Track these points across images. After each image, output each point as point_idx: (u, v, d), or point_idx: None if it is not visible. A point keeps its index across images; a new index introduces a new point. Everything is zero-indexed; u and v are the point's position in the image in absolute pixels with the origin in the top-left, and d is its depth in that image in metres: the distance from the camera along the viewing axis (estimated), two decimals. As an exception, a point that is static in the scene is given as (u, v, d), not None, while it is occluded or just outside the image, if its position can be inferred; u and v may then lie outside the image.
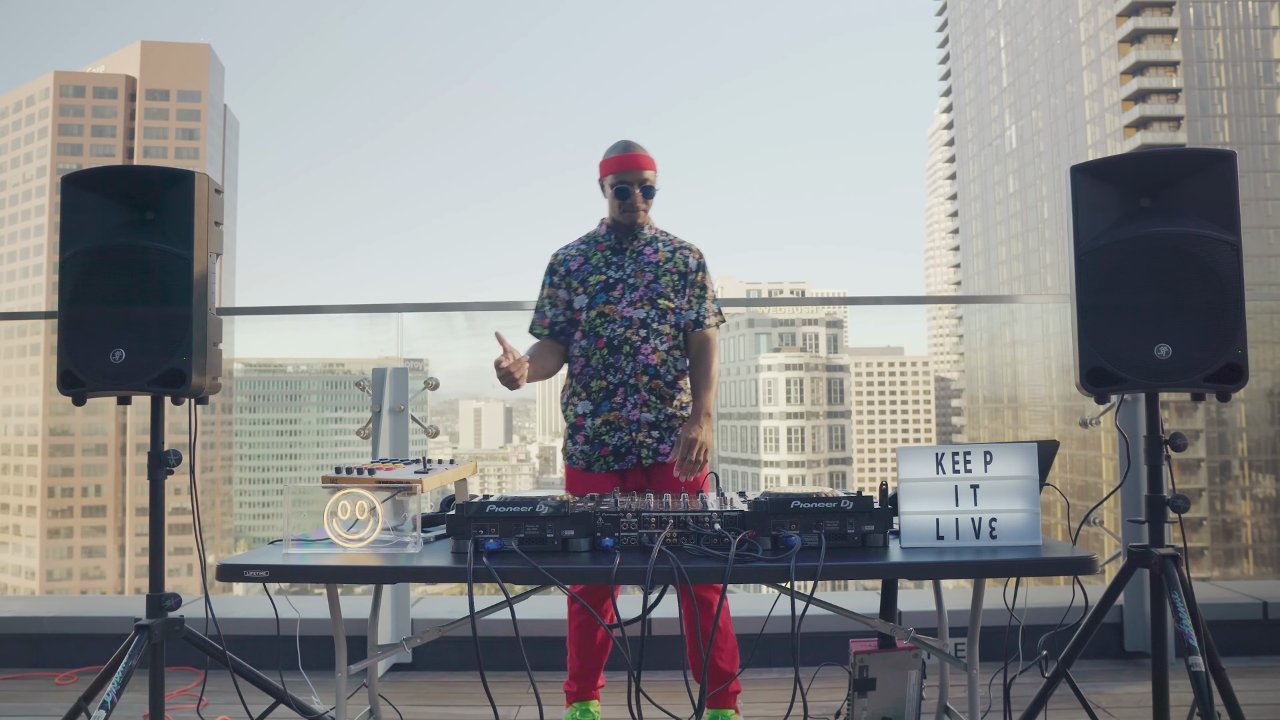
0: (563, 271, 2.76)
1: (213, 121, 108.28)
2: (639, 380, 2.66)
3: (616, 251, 2.75)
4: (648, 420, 2.67)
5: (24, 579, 28.27)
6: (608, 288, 2.71)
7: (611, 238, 2.76)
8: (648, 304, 2.70)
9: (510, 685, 3.12)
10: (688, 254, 2.78)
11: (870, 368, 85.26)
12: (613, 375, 2.68)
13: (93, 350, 2.23)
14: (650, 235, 2.78)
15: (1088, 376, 2.17)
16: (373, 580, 2.30)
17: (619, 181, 2.70)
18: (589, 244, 2.79)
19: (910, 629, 2.30)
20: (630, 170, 2.70)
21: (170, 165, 2.38)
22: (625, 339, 2.68)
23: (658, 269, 2.73)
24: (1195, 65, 70.14)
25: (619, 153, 2.72)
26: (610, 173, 2.72)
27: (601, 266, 2.73)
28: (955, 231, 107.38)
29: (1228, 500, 11.95)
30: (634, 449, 2.66)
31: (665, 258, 2.75)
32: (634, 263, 2.73)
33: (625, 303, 2.69)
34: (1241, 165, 2.28)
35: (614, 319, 2.69)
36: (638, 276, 2.72)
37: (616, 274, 2.72)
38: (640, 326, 2.69)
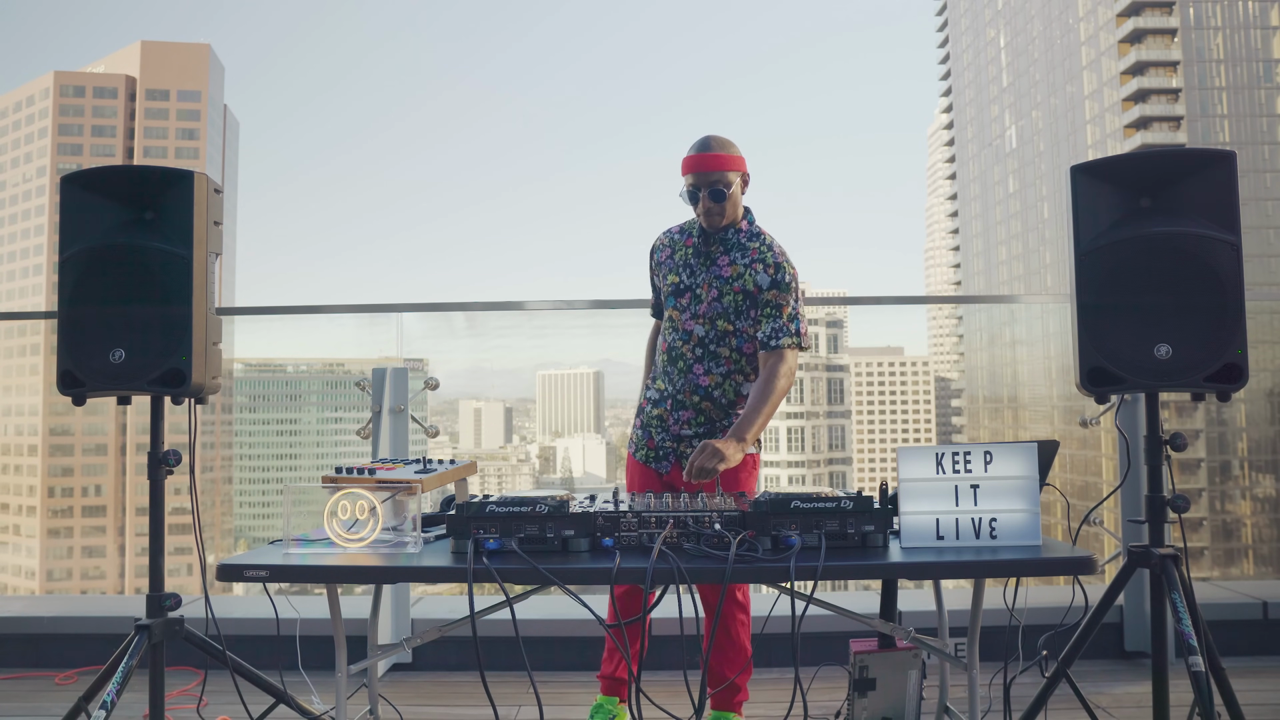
0: (656, 259, 2.72)
1: (213, 121, 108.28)
2: (688, 398, 2.61)
3: (698, 253, 2.62)
4: (687, 435, 2.62)
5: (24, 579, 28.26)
6: (678, 292, 2.62)
7: (699, 236, 2.63)
8: (708, 323, 2.58)
9: (510, 685, 3.12)
10: (761, 269, 2.55)
11: (870, 368, 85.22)
12: (669, 383, 2.64)
13: (93, 350, 2.23)
14: (735, 241, 2.59)
15: (1088, 376, 2.17)
16: (373, 580, 2.30)
17: (690, 185, 2.54)
18: (682, 236, 2.68)
19: (910, 629, 2.30)
20: (699, 172, 2.52)
21: (170, 165, 2.38)
22: (680, 353, 2.61)
23: (725, 285, 2.57)
24: (1195, 65, 70.15)
25: (693, 152, 2.55)
26: (684, 173, 2.56)
27: (680, 266, 2.63)
28: (955, 231, 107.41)
29: (1228, 500, 11.95)
30: (673, 456, 2.63)
31: (738, 273, 2.56)
32: (706, 272, 2.59)
33: (688, 315, 2.60)
34: (1241, 165, 2.28)
35: (676, 326, 2.62)
36: (705, 290, 2.58)
37: (689, 280, 2.61)
38: (697, 344, 2.59)
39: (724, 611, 2.58)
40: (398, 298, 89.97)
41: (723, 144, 2.54)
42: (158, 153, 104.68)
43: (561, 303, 4.06)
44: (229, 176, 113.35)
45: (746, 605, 2.69)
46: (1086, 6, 76.76)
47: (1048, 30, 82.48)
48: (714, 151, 2.53)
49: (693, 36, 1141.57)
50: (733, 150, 2.55)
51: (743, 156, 2.57)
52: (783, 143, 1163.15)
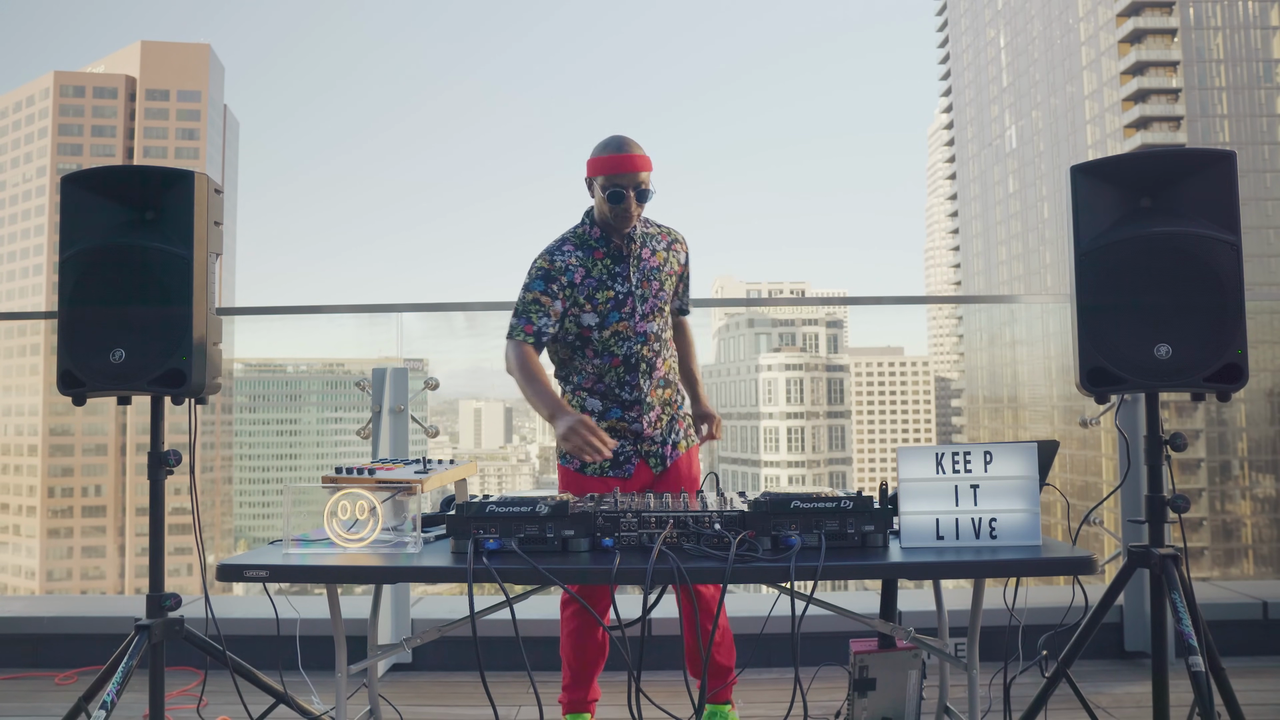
0: (564, 282, 2.52)
1: (213, 121, 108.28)
2: (654, 396, 2.61)
3: (617, 260, 2.57)
4: (655, 434, 2.62)
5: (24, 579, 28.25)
6: (619, 304, 2.55)
7: (607, 243, 2.57)
8: (657, 315, 2.61)
9: (510, 685, 3.12)
10: (679, 248, 2.70)
11: (870, 368, 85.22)
12: (629, 392, 2.58)
13: (93, 350, 2.23)
14: (642, 234, 2.62)
15: (1088, 376, 2.17)
16: (373, 580, 2.30)
17: (612, 184, 2.47)
18: (585, 250, 2.57)
19: (910, 629, 2.30)
20: (625, 173, 2.47)
21: (170, 165, 2.38)
22: (641, 356, 2.58)
23: (659, 273, 2.62)
24: (1195, 65, 70.15)
25: (612, 152, 2.49)
26: (602, 173, 2.49)
27: (607, 280, 2.56)
28: (955, 231, 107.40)
29: (1228, 500, 11.95)
30: (635, 457, 2.60)
31: (663, 260, 2.64)
32: (638, 271, 2.59)
33: (638, 317, 2.57)
34: (1241, 165, 2.28)
35: (629, 336, 2.57)
36: (645, 287, 2.59)
37: (624, 287, 2.56)
38: (654, 340, 2.61)
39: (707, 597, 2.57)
40: (398, 298, 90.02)
41: (638, 145, 2.53)
42: (158, 153, 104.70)
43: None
44: (229, 176, 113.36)
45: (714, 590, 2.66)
46: (1086, 6, 76.75)
47: (1048, 30, 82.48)
48: (636, 152, 2.49)
49: (693, 36, 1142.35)
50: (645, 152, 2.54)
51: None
52: (783, 143, 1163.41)
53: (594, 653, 2.65)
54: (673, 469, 2.63)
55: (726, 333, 19.96)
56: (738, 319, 25.18)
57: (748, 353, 34.35)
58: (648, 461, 2.61)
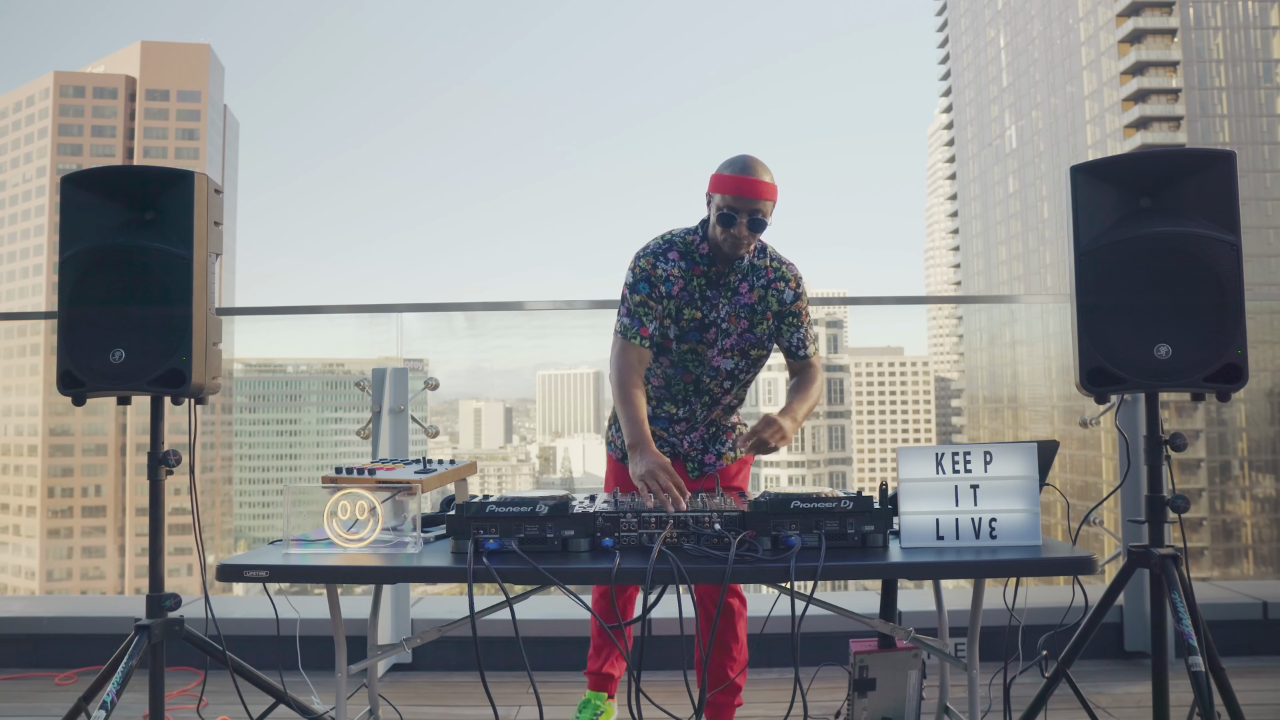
0: (663, 290, 2.44)
1: (213, 121, 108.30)
2: (704, 423, 2.60)
3: (713, 284, 2.44)
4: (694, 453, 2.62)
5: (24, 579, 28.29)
6: (702, 328, 2.45)
7: (710, 262, 2.44)
8: (739, 355, 2.49)
9: (510, 685, 3.12)
10: (784, 286, 2.48)
11: (870, 368, 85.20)
12: (683, 408, 2.57)
13: (93, 350, 2.23)
14: (747, 265, 2.46)
15: (1088, 376, 2.17)
16: (373, 580, 2.30)
17: (728, 206, 2.32)
18: (688, 263, 2.45)
19: (910, 629, 2.30)
20: (745, 198, 2.31)
21: (170, 165, 2.38)
22: (708, 388, 2.52)
23: (753, 313, 2.47)
24: (1195, 65, 70.15)
25: (737, 172, 2.33)
26: (720, 192, 2.34)
27: (697, 300, 2.44)
28: (955, 231, 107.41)
29: (1228, 500, 11.95)
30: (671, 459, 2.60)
31: (760, 297, 2.47)
32: (729, 303, 2.45)
33: (716, 350, 2.47)
34: (1241, 165, 2.28)
35: (704, 362, 2.48)
36: (732, 322, 2.46)
37: (712, 314, 2.45)
38: (726, 378, 2.52)
39: (726, 607, 2.58)
40: (398, 298, 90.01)
41: (765, 169, 2.36)
42: (158, 153, 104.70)
43: (561, 303, 4.06)
44: (229, 176, 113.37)
45: (744, 597, 2.70)
46: (1086, 6, 76.75)
47: (1048, 30, 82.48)
48: (763, 179, 2.34)
49: (693, 36, 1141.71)
50: (772, 176, 2.38)
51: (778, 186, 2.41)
52: (783, 143, 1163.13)
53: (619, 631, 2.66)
54: (711, 476, 2.63)
55: (726, 333, 19.78)
56: (738, 319, 25.16)
57: (748, 353, 34.23)
58: (685, 465, 2.63)
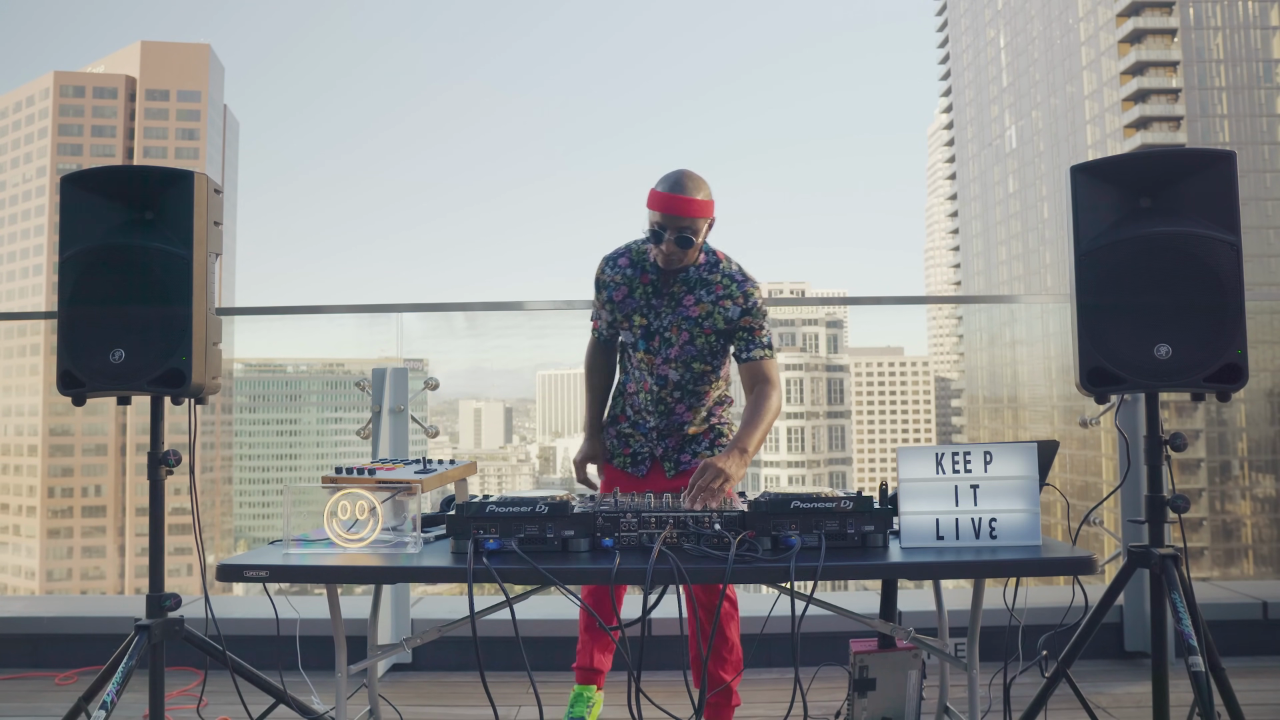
0: (606, 296, 2.57)
1: (213, 121, 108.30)
2: (674, 432, 2.62)
3: (658, 293, 2.49)
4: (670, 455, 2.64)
5: (24, 579, 28.30)
6: (647, 336, 2.52)
7: (658, 271, 2.49)
8: (682, 366, 2.51)
9: (510, 685, 3.12)
10: (730, 305, 2.46)
11: (870, 368, 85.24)
12: (653, 419, 2.61)
13: (92, 350, 2.23)
14: (696, 277, 2.46)
15: (1088, 376, 2.17)
16: (373, 580, 2.30)
17: (656, 224, 2.37)
18: (635, 268, 2.52)
19: (910, 629, 2.30)
20: (671, 215, 2.34)
21: (170, 165, 2.38)
22: (661, 397, 2.57)
23: (695, 326, 2.47)
24: (1195, 65, 70.15)
25: (667, 189, 2.36)
26: (651, 208, 2.38)
27: (643, 308, 2.51)
28: (955, 231, 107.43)
29: (1228, 500, 11.95)
30: (649, 459, 2.65)
31: (706, 311, 2.46)
32: (672, 313, 2.48)
33: (661, 359, 2.52)
34: (1241, 165, 2.28)
35: (653, 371, 2.54)
36: (674, 333, 2.49)
37: (655, 323, 2.50)
38: (675, 388, 2.55)
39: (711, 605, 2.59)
40: (398, 298, 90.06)
41: (698, 186, 2.37)
42: (158, 153, 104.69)
43: (561, 303, 4.05)
44: (229, 176, 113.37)
45: (735, 602, 2.71)
46: (1086, 6, 76.76)
47: (1048, 30, 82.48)
48: (689, 196, 2.35)
49: (693, 36, 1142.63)
50: (706, 193, 2.39)
51: (713, 200, 2.42)
52: (783, 143, 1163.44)
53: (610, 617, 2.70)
54: (688, 474, 2.62)
55: (726, 333, 19.81)
56: (738, 319, 25.21)
57: (748, 353, 34.25)
58: (662, 465, 2.65)
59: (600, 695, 2.82)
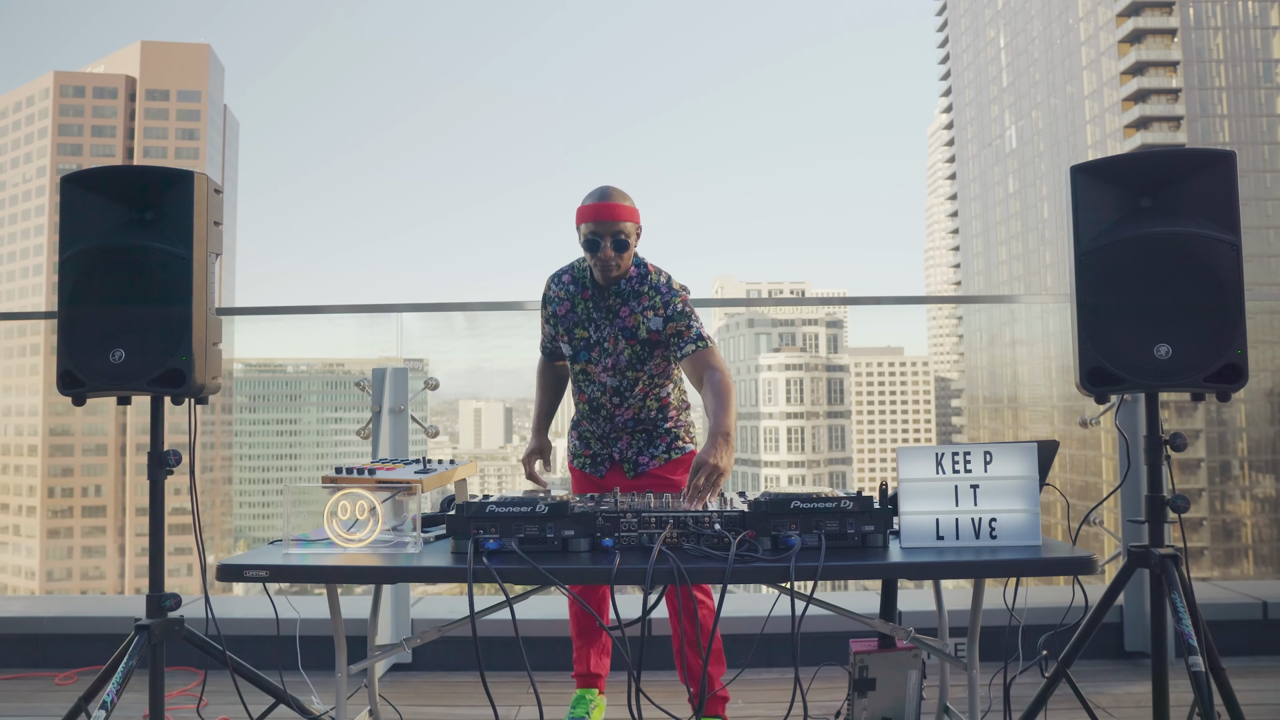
0: (550, 311, 2.70)
1: (213, 121, 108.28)
2: (621, 433, 2.70)
3: (597, 306, 2.62)
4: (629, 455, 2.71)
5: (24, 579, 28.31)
6: (588, 347, 2.64)
7: (596, 286, 2.62)
8: (618, 374, 2.62)
9: (510, 685, 3.12)
10: (651, 315, 2.57)
11: (870, 368, 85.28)
12: (597, 426, 2.72)
13: (93, 350, 2.23)
14: (629, 289, 2.59)
15: (1088, 376, 2.17)
16: (373, 580, 2.30)
17: (589, 233, 2.51)
18: (577, 284, 2.66)
19: (910, 629, 2.30)
20: (602, 221, 2.49)
21: (170, 165, 2.38)
22: (601, 404, 2.68)
23: (630, 335, 2.59)
24: (1195, 65, 70.14)
25: (593, 201, 2.52)
26: (581, 221, 2.53)
27: (584, 321, 2.63)
28: (955, 231, 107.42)
29: (1228, 500, 11.96)
30: (608, 461, 2.72)
31: (637, 322, 2.59)
32: (609, 324, 2.61)
33: (600, 368, 2.63)
34: (1241, 165, 2.28)
35: (594, 380, 2.66)
36: (611, 343, 2.61)
37: (595, 334, 2.62)
38: (613, 394, 2.65)
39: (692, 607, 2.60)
40: (398, 298, 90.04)
41: (623, 194, 2.54)
42: (158, 153, 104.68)
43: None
44: (229, 176, 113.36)
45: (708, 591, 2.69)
46: (1086, 6, 76.75)
47: (1048, 30, 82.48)
48: (618, 202, 2.51)
49: (693, 37, 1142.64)
50: (631, 201, 2.55)
51: (638, 209, 2.58)
52: (783, 143, 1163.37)
53: (594, 629, 2.78)
54: (648, 476, 2.70)
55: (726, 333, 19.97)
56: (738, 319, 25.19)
57: (748, 353, 34.42)
58: (621, 467, 2.72)
59: (602, 699, 2.83)
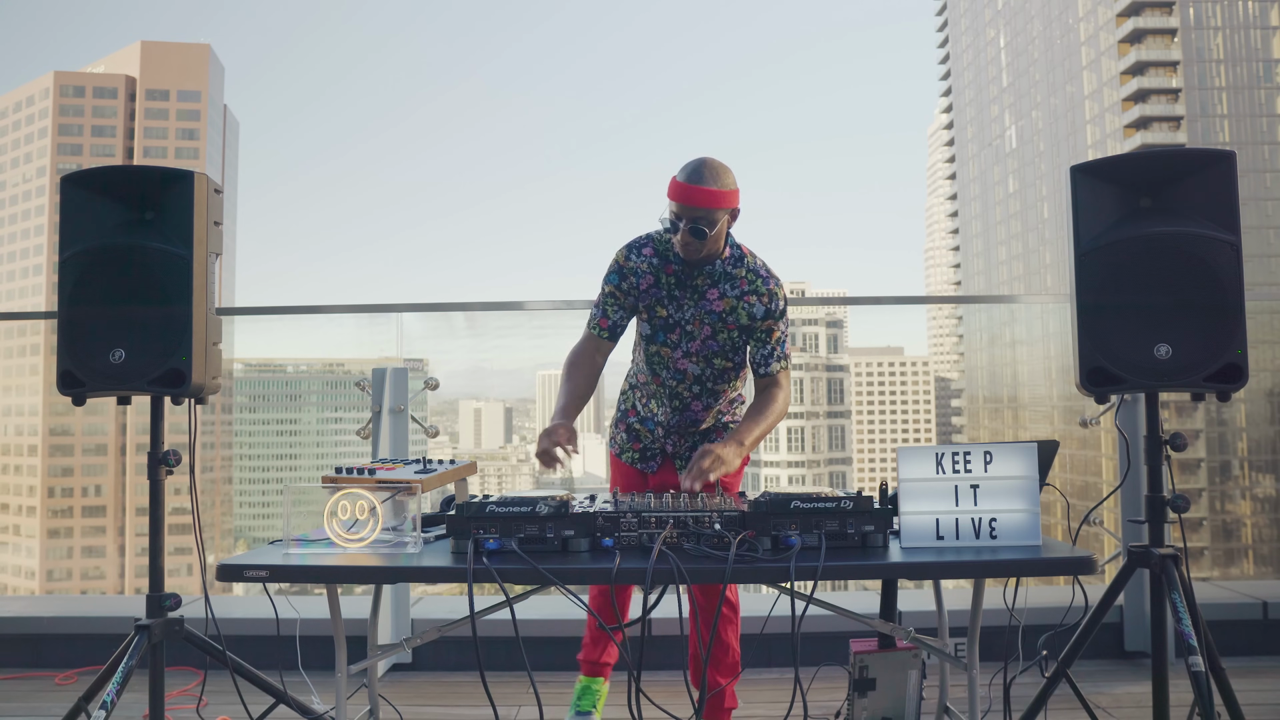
0: (632, 284, 2.48)
1: (213, 121, 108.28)
2: (686, 430, 2.60)
3: (681, 284, 2.44)
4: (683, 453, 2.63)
5: (24, 579, 28.29)
6: (668, 328, 2.46)
7: (681, 264, 2.44)
8: (703, 361, 2.48)
9: (510, 685, 3.12)
10: (755, 301, 2.43)
11: (870, 368, 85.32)
12: (665, 415, 2.58)
13: (93, 350, 2.23)
14: (721, 270, 2.42)
15: (1088, 376, 2.17)
16: (373, 580, 2.30)
17: (672, 214, 2.34)
18: (661, 258, 2.46)
19: (910, 629, 2.30)
20: (685, 205, 2.30)
21: (170, 165, 2.38)
22: (677, 392, 2.53)
23: (718, 321, 2.44)
24: (1195, 65, 70.14)
25: (682, 178, 2.32)
26: (669, 198, 2.35)
27: (665, 299, 2.45)
28: (955, 231, 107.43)
29: (1228, 500, 11.96)
30: (660, 456, 2.64)
31: (730, 306, 2.43)
32: (694, 306, 2.43)
33: (680, 353, 2.47)
34: (1241, 165, 2.28)
35: (669, 365, 2.50)
36: (696, 326, 2.44)
37: (677, 314, 2.45)
38: (694, 383, 2.51)
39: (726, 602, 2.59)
40: (398, 298, 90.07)
41: (716, 175, 2.31)
42: (158, 153, 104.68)
43: (561, 303, 4.05)
44: (229, 176, 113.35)
45: (736, 606, 2.68)
46: (1086, 6, 76.75)
47: (1048, 30, 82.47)
48: (705, 186, 2.30)
49: (693, 37, 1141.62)
50: (726, 183, 2.32)
51: (736, 189, 2.35)
52: (783, 143, 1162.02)
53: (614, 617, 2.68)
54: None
55: (726, 333, 19.87)
56: (738, 319, 25.23)
57: (748, 353, 34.28)
58: (674, 462, 2.64)
59: (606, 686, 2.82)
